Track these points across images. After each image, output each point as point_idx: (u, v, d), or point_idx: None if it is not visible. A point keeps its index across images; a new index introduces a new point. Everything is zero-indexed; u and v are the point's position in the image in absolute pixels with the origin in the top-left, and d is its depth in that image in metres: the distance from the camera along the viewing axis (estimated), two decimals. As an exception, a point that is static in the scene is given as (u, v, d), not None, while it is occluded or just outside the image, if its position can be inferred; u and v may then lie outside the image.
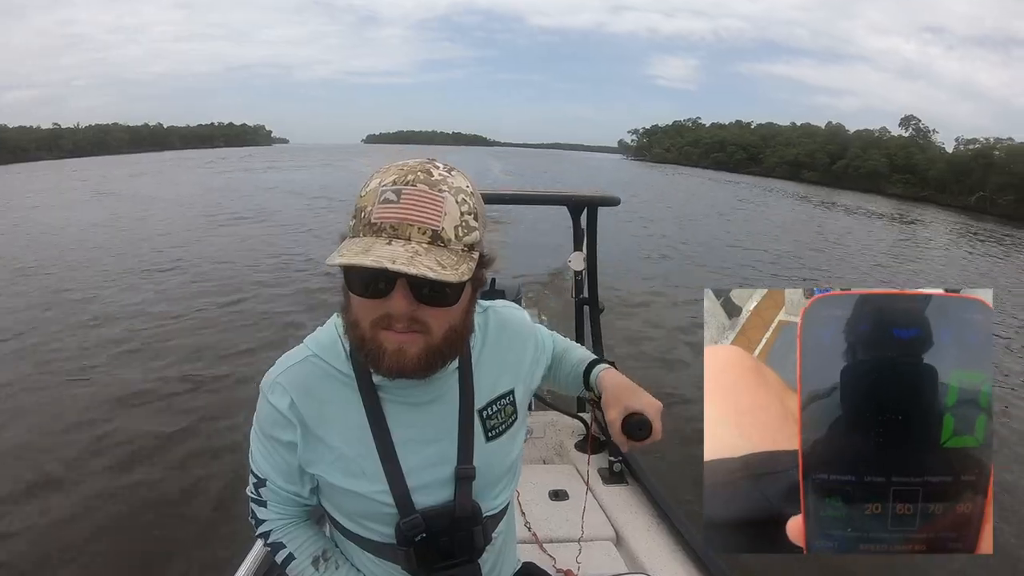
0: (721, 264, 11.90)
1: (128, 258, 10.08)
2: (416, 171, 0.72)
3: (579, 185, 24.10)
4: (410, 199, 0.70)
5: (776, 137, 74.12)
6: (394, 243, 0.69)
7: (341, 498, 0.87)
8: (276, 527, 0.93)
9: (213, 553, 2.76)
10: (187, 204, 18.26)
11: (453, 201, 0.72)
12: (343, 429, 0.84)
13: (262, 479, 0.89)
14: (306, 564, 0.92)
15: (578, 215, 2.45)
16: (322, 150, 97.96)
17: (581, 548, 1.66)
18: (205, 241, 11.84)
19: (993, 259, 17.50)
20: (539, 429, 2.54)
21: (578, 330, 2.65)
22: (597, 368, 1.03)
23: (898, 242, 19.54)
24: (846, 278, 11.77)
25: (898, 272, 13.03)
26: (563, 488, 2.04)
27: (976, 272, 14.72)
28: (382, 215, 0.70)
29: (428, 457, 0.86)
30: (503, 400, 0.93)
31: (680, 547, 1.82)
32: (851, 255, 14.66)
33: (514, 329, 0.98)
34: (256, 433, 0.88)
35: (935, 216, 33.82)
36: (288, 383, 0.84)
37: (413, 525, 0.84)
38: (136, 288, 8.09)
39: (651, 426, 0.87)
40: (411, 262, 0.67)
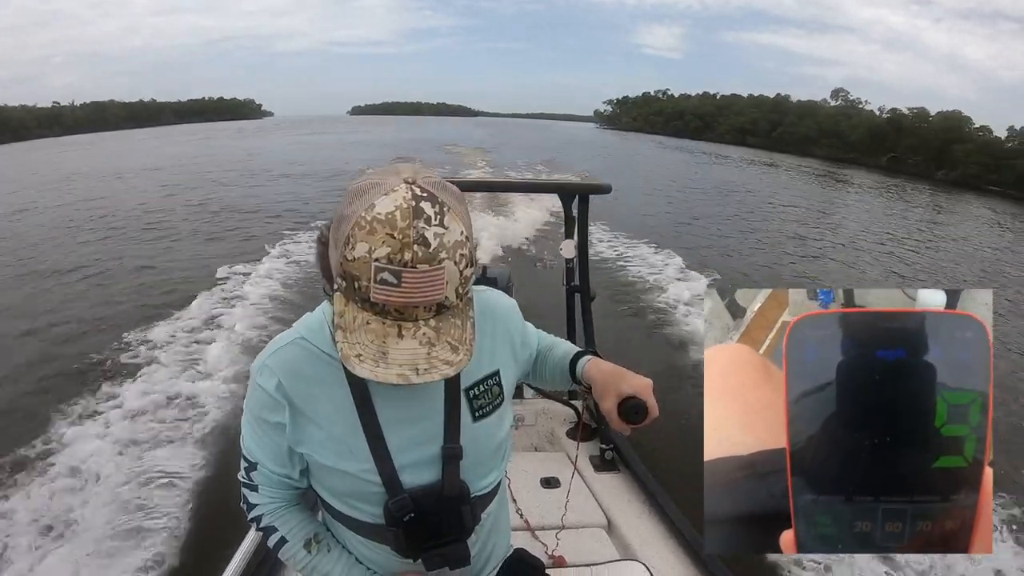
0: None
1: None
2: (409, 240, 0.66)
3: (539, 145, 30.18)
4: (411, 282, 0.67)
5: (731, 107, 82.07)
6: (404, 332, 0.69)
7: (330, 478, 0.88)
8: (267, 511, 0.93)
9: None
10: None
11: (452, 265, 0.69)
12: (331, 409, 0.84)
13: (253, 463, 0.90)
14: (298, 547, 0.93)
15: (569, 203, 2.40)
16: (307, 122, 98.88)
17: (573, 535, 1.73)
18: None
19: (894, 210, 21.59)
20: (530, 417, 2.55)
21: (569, 318, 2.64)
22: (582, 360, 1.03)
23: (814, 190, 25.42)
24: (768, 222, 14.81)
25: (808, 219, 16.06)
26: (554, 475, 2.01)
27: (860, 210, 19.43)
28: (383, 297, 0.68)
29: (414, 436, 0.86)
30: (490, 380, 0.93)
31: (671, 534, 1.83)
32: (761, 200, 19.51)
33: (500, 313, 0.98)
34: (246, 416, 0.89)
35: (853, 173, 40.10)
36: (276, 365, 0.85)
37: (401, 505, 0.85)
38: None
39: (647, 407, 0.88)
40: (429, 361, 0.69)
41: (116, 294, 7.29)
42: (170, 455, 3.62)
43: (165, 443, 3.75)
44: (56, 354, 5.32)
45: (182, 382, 4.56)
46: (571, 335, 2.57)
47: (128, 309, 6.58)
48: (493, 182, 2.71)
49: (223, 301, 6.61)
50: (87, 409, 4.21)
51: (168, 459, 3.58)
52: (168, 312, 6.20)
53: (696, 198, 19.17)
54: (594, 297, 2.49)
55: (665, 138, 75.64)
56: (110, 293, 7.35)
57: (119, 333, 5.61)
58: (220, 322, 5.91)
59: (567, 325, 2.63)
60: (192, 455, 3.64)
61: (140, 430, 3.90)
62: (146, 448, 3.69)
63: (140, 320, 5.98)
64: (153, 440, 3.78)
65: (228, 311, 6.24)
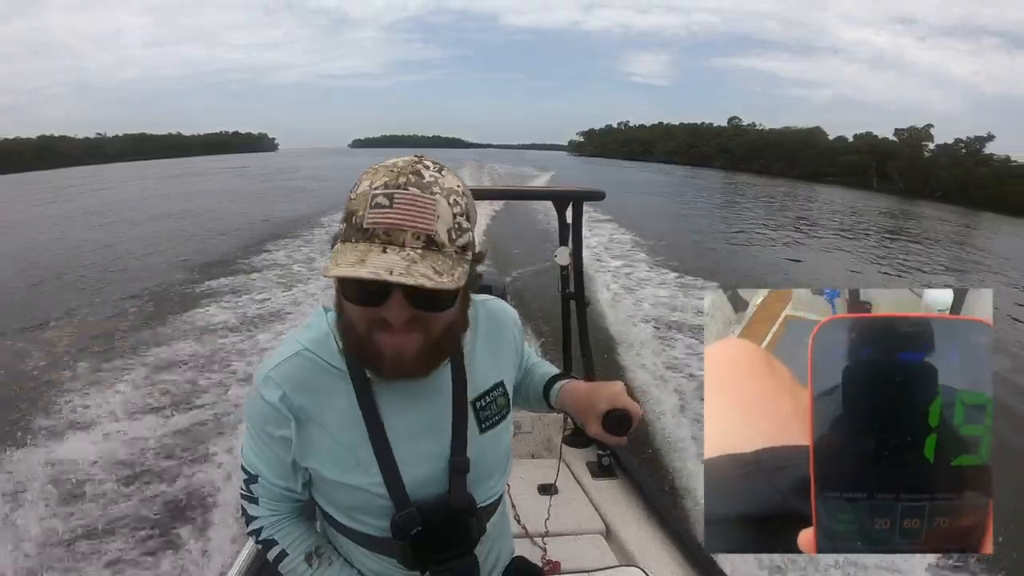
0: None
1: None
2: (407, 172, 0.70)
3: (520, 170, 39.70)
4: (402, 203, 0.68)
5: (670, 134, 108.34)
6: (389, 250, 0.67)
7: (335, 492, 0.86)
8: (267, 524, 0.91)
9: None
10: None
11: (445, 203, 0.71)
12: (337, 422, 0.82)
13: (253, 475, 0.88)
14: (299, 561, 0.90)
15: (564, 210, 2.38)
16: (315, 154, 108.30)
17: (571, 542, 1.72)
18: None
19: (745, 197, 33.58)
20: (527, 424, 2.51)
21: (564, 324, 2.61)
22: (555, 387, 1.02)
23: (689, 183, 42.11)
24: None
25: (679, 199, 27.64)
26: (552, 482, 1.96)
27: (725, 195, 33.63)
28: (375, 220, 0.68)
29: (422, 449, 0.85)
30: (495, 391, 0.92)
31: (670, 540, 1.80)
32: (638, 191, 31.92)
33: (502, 322, 0.98)
34: (248, 429, 0.86)
35: (736, 177, 57.40)
36: (280, 377, 0.82)
37: (409, 518, 0.83)
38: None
39: (628, 415, 0.87)
40: (408, 271, 0.66)
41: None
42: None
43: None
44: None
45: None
46: (567, 341, 2.64)
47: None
48: (488, 189, 2.79)
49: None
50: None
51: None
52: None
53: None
54: (589, 304, 2.49)
55: (616, 159, 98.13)
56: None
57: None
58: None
59: (563, 332, 2.63)
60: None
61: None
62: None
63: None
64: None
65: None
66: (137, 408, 4.32)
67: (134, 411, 4.27)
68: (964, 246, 19.21)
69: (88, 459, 3.59)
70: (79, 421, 4.13)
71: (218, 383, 4.76)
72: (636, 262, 10.27)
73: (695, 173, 58.46)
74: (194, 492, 3.31)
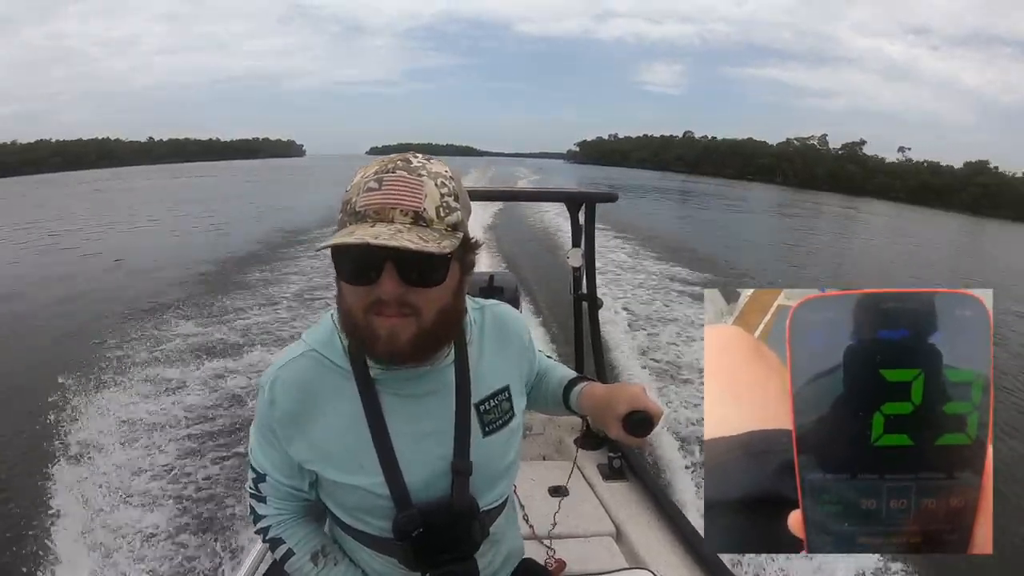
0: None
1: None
2: (396, 161, 0.74)
3: (512, 170, 46.58)
4: (391, 185, 0.71)
5: (646, 145, 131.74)
6: (378, 225, 0.70)
7: (339, 492, 0.86)
8: (275, 523, 0.91)
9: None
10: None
11: (433, 184, 0.73)
12: (340, 422, 0.82)
13: (261, 474, 0.88)
14: (305, 560, 0.91)
15: (576, 212, 2.37)
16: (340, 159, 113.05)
17: (581, 544, 1.71)
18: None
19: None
20: (538, 425, 2.50)
21: (577, 326, 2.60)
22: (575, 390, 1.01)
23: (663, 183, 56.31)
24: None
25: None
26: (563, 484, 1.91)
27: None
28: (365, 202, 0.71)
29: (424, 451, 0.84)
30: (500, 396, 0.91)
31: (680, 542, 1.80)
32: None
33: (510, 327, 0.97)
34: (255, 428, 0.87)
35: (695, 179, 76.17)
36: (286, 378, 0.83)
37: (410, 519, 0.83)
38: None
39: (649, 417, 0.86)
40: (393, 238, 0.68)
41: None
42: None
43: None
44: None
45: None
46: (579, 343, 2.65)
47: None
48: (501, 191, 2.78)
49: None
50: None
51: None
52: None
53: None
54: (601, 305, 2.44)
55: (600, 165, 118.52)
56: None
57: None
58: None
59: (575, 333, 2.62)
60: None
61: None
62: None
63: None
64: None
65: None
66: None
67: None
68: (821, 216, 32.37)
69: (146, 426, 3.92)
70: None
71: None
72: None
73: (661, 175, 76.76)
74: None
